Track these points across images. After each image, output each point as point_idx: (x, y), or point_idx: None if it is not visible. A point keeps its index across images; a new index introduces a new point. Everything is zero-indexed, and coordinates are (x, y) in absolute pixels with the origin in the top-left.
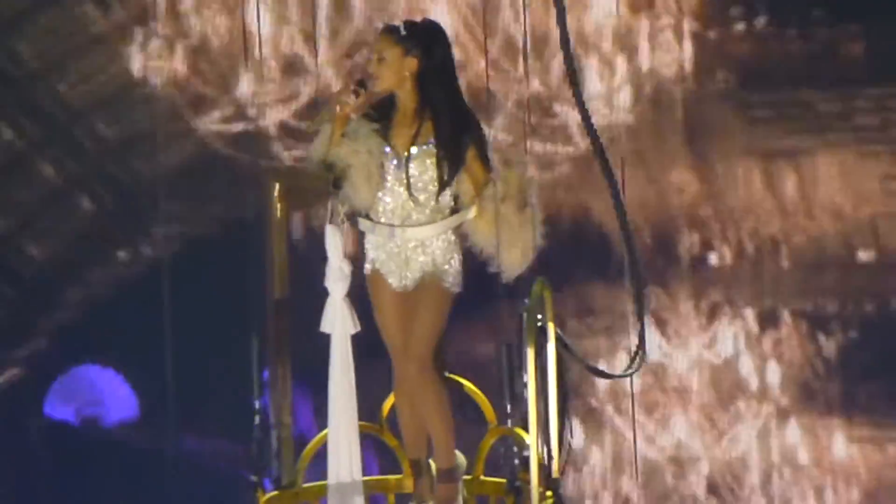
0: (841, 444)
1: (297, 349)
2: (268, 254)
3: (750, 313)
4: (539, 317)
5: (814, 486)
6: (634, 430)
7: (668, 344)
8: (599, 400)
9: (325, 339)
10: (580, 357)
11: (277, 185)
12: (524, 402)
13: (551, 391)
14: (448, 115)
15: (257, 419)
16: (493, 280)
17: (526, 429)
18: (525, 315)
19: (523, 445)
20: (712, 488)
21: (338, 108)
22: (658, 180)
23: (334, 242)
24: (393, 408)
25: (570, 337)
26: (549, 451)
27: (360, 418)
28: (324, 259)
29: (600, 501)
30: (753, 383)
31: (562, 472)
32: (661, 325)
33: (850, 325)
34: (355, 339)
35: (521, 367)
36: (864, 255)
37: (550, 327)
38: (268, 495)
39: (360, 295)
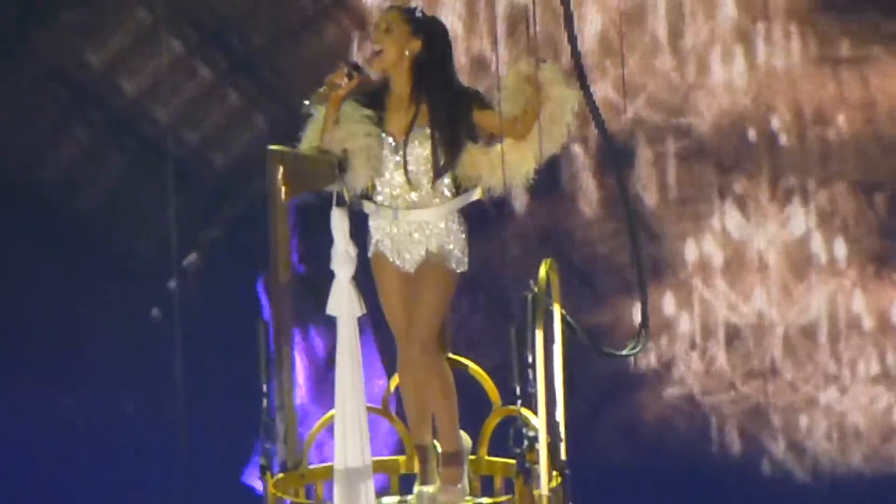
0: None
1: None
2: (270, 237)
3: None
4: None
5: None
6: None
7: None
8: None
9: None
10: (587, 338)
11: (281, 169)
12: (528, 382)
13: (557, 373)
14: (443, 100)
15: (265, 402)
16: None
17: (530, 409)
18: (530, 296)
19: (529, 426)
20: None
21: (331, 90)
22: None
23: (340, 225)
24: (397, 389)
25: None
26: (556, 432)
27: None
28: (329, 242)
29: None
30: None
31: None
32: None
33: None
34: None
35: (526, 347)
36: None
37: (556, 309)
38: (274, 478)
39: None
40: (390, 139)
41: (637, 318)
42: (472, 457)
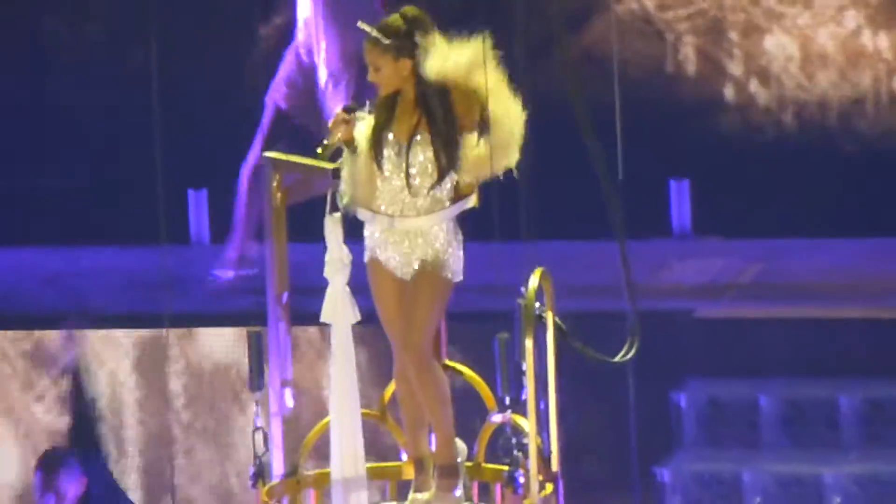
0: None
1: None
2: (268, 245)
3: None
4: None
5: None
6: None
7: None
8: None
9: None
10: (581, 346)
11: (277, 175)
12: (521, 390)
13: (550, 382)
14: (438, 103)
15: (258, 410)
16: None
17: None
18: (522, 304)
19: (522, 433)
20: None
21: (333, 138)
22: None
23: (334, 232)
24: (394, 395)
25: None
26: (549, 443)
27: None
28: (323, 249)
29: None
30: None
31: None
32: None
33: None
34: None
35: (519, 356)
36: None
37: (549, 317)
38: (269, 485)
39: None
40: (395, 143)
41: None
42: (469, 464)
